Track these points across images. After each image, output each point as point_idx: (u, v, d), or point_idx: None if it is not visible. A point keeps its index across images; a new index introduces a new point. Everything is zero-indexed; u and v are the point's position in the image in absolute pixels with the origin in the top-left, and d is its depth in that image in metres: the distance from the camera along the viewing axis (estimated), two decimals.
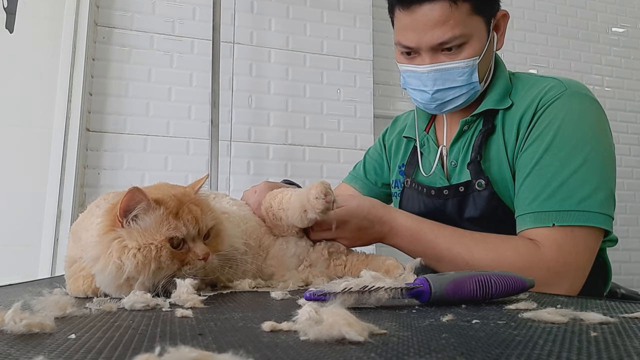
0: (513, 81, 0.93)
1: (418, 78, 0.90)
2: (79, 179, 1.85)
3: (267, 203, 0.80)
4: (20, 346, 0.31)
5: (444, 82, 0.87)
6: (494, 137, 0.89)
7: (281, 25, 2.21)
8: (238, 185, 2.04)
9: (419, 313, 0.44)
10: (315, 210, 0.70)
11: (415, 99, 0.94)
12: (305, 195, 0.71)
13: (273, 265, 0.77)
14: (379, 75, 2.37)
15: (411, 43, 0.87)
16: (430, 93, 0.89)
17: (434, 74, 0.87)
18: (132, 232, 0.57)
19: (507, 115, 0.89)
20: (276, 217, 0.78)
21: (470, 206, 0.89)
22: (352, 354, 0.28)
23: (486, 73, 0.91)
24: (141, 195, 0.57)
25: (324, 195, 0.69)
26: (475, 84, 0.88)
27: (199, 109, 2.03)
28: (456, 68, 0.86)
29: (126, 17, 2.01)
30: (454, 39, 0.84)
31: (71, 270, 0.64)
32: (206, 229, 0.62)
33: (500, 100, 0.90)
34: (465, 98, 0.89)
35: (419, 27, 0.85)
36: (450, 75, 0.87)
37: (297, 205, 0.73)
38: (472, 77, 0.87)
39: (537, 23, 2.73)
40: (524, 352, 0.28)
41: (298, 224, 0.75)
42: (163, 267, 0.57)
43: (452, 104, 0.90)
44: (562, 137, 0.81)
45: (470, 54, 0.85)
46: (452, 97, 0.89)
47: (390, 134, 1.15)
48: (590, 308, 0.43)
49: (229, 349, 0.28)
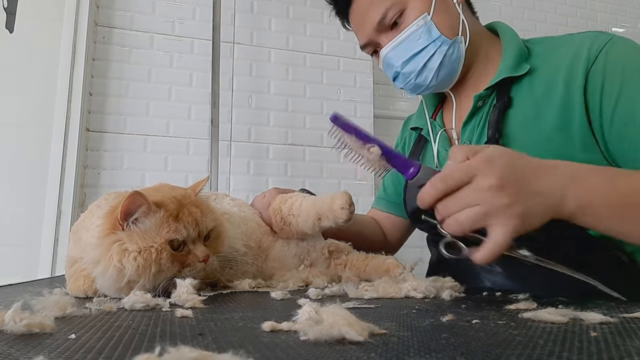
0: (530, 46, 0.85)
1: (387, 65, 0.89)
2: (79, 179, 1.85)
3: (277, 206, 0.79)
4: (20, 346, 0.31)
5: (405, 53, 0.85)
6: (512, 111, 0.80)
7: (281, 25, 2.21)
8: (238, 185, 2.04)
9: (419, 313, 0.44)
10: (337, 220, 0.70)
11: (401, 88, 0.91)
12: (327, 204, 0.71)
13: (274, 266, 0.77)
14: (379, 75, 2.37)
15: (362, 39, 0.90)
16: (400, 69, 0.86)
17: (394, 50, 0.86)
18: (132, 235, 0.57)
19: (534, 80, 0.79)
20: (285, 222, 0.78)
21: None
22: (352, 354, 0.28)
23: (458, 27, 0.84)
24: (142, 199, 0.57)
25: (349, 205, 0.70)
26: (441, 39, 0.82)
27: (199, 109, 2.03)
28: (409, 34, 0.83)
29: (126, 17, 2.01)
30: (388, 10, 0.83)
31: (72, 270, 0.64)
32: (206, 231, 0.62)
33: (516, 66, 0.81)
34: (440, 56, 0.83)
35: (359, 23, 0.90)
36: (408, 44, 0.84)
37: (310, 212, 0.73)
38: (432, 34, 0.82)
39: (537, 23, 2.73)
40: (524, 352, 0.28)
41: (308, 230, 0.75)
42: (163, 269, 0.57)
43: (429, 69, 0.84)
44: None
45: (416, 15, 0.83)
46: (422, 61, 0.84)
47: (402, 136, 1.11)
48: (590, 308, 0.43)
49: (229, 349, 0.28)
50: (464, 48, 0.85)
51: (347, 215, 0.69)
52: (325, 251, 0.81)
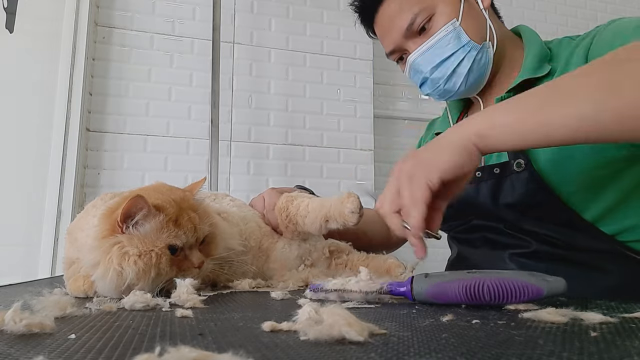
0: (552, 48, 0.85)
1: (415, 70, 0.88)
2: (79, 179, 1.85)
3: (283, 205, 0.79)
4: (20, 346, 0.31)
5: (434, 58, 0.84)
6: None
7: (281, 25, 2.21)
8: (238, 185, 2.04)
9: (419, 313, 0.44)
10: (347, 224, 0.70)
11: (429, 93, 0.90)
12: (337, 208, 0.70)
13: (276, 267, 0.77)
14: (379, 75, 2.37)
15: (390, 46, 0.89)
16: (429, 75, 0.86)
17: (422, 57, 0.85)
18: (132, 238, 0.56)
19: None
20: (291, 221, 0.78)
21: (507, 190, 0.79)
22: (352, 354, 0.28)
23: (485, 32, 0.85)
24: (143, 202, 0.56)
25: (359, 209, 0.69)
26: (470, 44, 0.83)
27: (199, 109, 2.03)
28: (438, 40, 0.83)
29: (126, 17, 2.01)
30: (416, 16, 0.83)
31: (70, 271, 0.64)
32: (203, 236, 0.62)
33: (538, 67, 0.81)
34: (469, 62, 0.83)
35: (386, 30, 0.89)
36: (437, 50, 0.84)
37: (318, 214, 0.73)
38: (461, 40, 0.83)
39: (537, 23, 2.73)
40: (524, 352, 0.28)
41: (314, 231, 0.75)
42: (162, 273, 0.57)
43: (458, 74, 0.85)
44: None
45: (445, 20, 0.83)
46: (452, 67, 0.84)
47: (426, 138, 1.11)
48: (590, 308, 0.43)
49: (229, 349, 0.28)
50: (492, 53, 0.85)
51: (357, 219, 0.69)
52: (325, 251, 0.81)
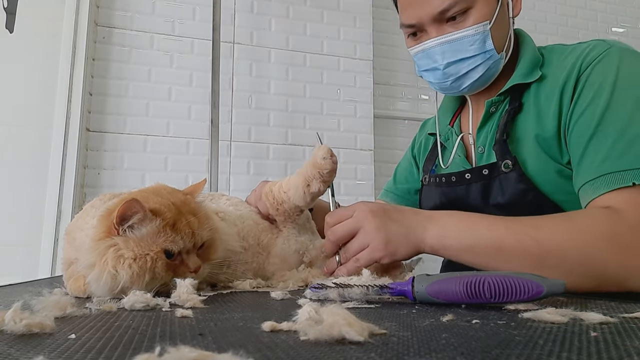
0: (545, 54, 0.85)
1: (427, 56, 0.84)
2: (79, 179, 1.85)
3: (267, 189, 0.79)
4: (20, 346, 0.31)
5: (454, 54, 0.81)
6: (521, 116, 0.81)
7: (281, 25, 2.21)
8: (238, 185, 2.04)
9: (419, 313, 0.44)
10: (322, 172, 0.70)
11: (430, 81, 0.88)
12: (310, 166, 0.72)
13: (276, 263, 0.77)
14: (379, 75, 2.37)
15: (412, 19, 0.82)
16: (442, 68, 0.82)
17: (441, 47, 0.81)
18: (128, 240, 0.56)
19: (540, 87, 0.81)
20: (277, 202, 0.78)
21: (497, 191, 0.80)
22: (352, 354, 0.28)
23: (505, 42, 0.83)
24: (138, 206, 0.56)
25: (330, 155, 0.70)
26: (491, 52, 0.81)
27: (199, 109, 2.03)
28: (465, 37, 0.79)
29: (126, 17, 2.01)
30: (455, 3, 0.78)
31: (69, 271, 0.64)
32: (201, 242, 0.62)
33: (528, 73, 0.82)
34: (483, 69, 0.82)
35: (417, 1, 0.82)
36: (459, 46, 0.80)
37: (298, 181, 0.73)
38: (486, 45, 0.80)
39: (537, 23, 2.73)
40: (524, 352, 0.28)
41: (301, 202, 0.75)
42: (157, 277, 0.56)
43: (469, 77, 0.83)
44: (622, 91, 0.71)
45: (478, 19, 0.79)
46: (466, 69, 0.82)
47: (419, 137, 1.10)
48: (590, 308, 0.43)
49: (229, 349, 0.28)
50: (502, 64, 0.85)
51: (331, 165, 0.70)
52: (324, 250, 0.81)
